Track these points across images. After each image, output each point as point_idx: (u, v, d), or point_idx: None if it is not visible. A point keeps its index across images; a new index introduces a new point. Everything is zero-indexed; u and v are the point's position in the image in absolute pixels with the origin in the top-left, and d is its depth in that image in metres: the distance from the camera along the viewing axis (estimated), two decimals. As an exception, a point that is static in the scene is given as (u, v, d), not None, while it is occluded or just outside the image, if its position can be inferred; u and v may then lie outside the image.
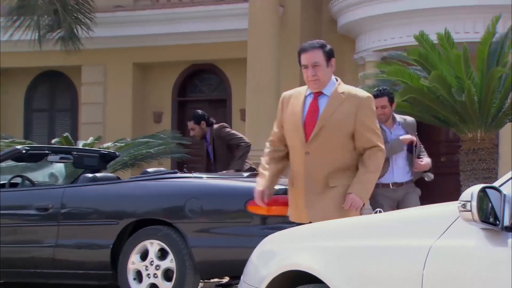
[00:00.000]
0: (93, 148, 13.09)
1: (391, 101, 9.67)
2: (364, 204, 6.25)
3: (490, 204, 3.47)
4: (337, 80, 6.47)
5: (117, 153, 12.13)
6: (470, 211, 3.35)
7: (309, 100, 6.34)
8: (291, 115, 6.32)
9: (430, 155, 19.73)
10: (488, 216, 3.44)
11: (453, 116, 12.05)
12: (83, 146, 16.44)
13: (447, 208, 3.82)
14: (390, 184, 9.36)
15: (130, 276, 8.82)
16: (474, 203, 3.33)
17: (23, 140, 19.42)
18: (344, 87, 6.35)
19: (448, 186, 15.63)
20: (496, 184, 3.63)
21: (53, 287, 10.33)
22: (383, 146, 6.36)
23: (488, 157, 12.08)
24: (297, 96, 6.45)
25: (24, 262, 9.65)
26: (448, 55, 11.71)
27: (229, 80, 21.20)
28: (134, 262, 8.82)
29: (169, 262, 8.64)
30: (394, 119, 9.69)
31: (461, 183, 11.92)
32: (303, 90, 6.48)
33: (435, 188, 17.97)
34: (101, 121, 21.44)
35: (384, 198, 9.27)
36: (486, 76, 11.57)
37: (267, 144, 6.63)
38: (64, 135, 17.85)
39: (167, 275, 8.67)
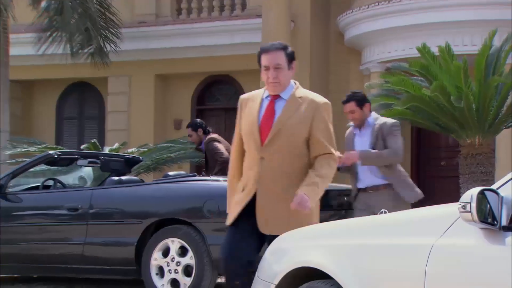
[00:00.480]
0: (119, 153, 13.08)
1: (360, 104, 9.25)
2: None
3: (488, 206, 3.49)
4: (295, 84, 6.01)
5: (140, 157, 12.15)
6: (470, 212, 3.37)
7: (266, 103, 5.76)
8: (247, 119, 5.74)
9: (431, 160, 19.81)
10: (486, 216, 3.47)
11: (452, 123, 12.01)
12: (109, 151, 16.41)
13: (448, 209, 3.83)
14: (359, 188, 8.90)
15: (153, 272, 8.88)
16: (474, 205, 3.35)
17: (55, 146, 19.41)
18: (302, 91, 5.90)
19: (448, 188, 15.58)
20: (494, 186, 3.65)
21: (77, 282, 10.33)
22: (336, 154, 5.87)
23: (486, 161, 12.04)
24: (254, 99, 5.89)
25: (56, 258, 9.69)
26: (448, 66, 11.67)
27: (244, 89, 21.12)
28: (156, 258, 8.86)
29: (189, 259, 8.68)
30: (367, 123, 9.17)
31: (460, 186, 11.88)
32: (260, 92, 5.93)
33: (436, 190, 18.00)
34: (126, 128, 21.45)
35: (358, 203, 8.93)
36: (483, 85, 11.53)
37: (231, 161, 6.05)
38: (92, 141, 17.87)
39: (187, 271, 8.73)
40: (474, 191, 3.35)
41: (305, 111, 5.61)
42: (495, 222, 3.50)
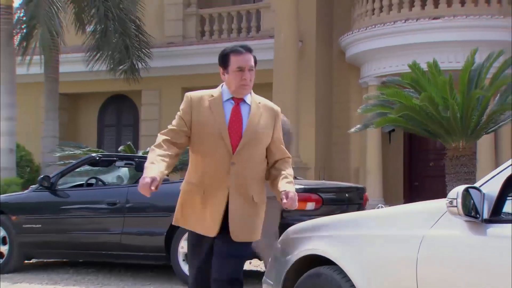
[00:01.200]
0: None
1: None
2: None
3: (472, 201, 3.53)
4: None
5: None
6: (456, 206, 3.40)
7: (229, 107, 4.92)
8: (210, 121, 4.83)
9: (421, 161, 19.74)
10: (470, 211, 3.51)
11: (440, 129, 11.99)
12: (142, 154, 16.45)
13: (437, 204, 3.83)
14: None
15: (180, 258, 8.88)
16: (459, 200, 3.39)
17: (96, 149, 19.44)
18: (257, 97, 5.12)
19: (436, 186, 15.51)
20: (477, 184, 3.67)
21: (116, 266, 10.33)
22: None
23: (469, 163, 12.02)
24: (211, 100, 4.96)
25: (98, 246, 9.71)
26: (436, 80, 11.64)
27: (259, 100, 21.18)
28: (183, 246, 8.81)
29: (211, 247, 8.66)
30: None
31: (447, 184, 11.86)
32: (215, 94, 5.03)
33: (425, 188, 17.96)
34: (157, 133, 21.41)
35: None
36: (466, 97, 11.52)
37: (161, 143, 5.07)
38: (127, 144, 17.95)
39: (208, 256, 8.70)
40: (460, 188, 3.39)
41: (267, 118, 4.98)
42: (478, 216, 3.54)
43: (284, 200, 4.54)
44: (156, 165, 4.82)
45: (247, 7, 21.47)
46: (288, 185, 4.70)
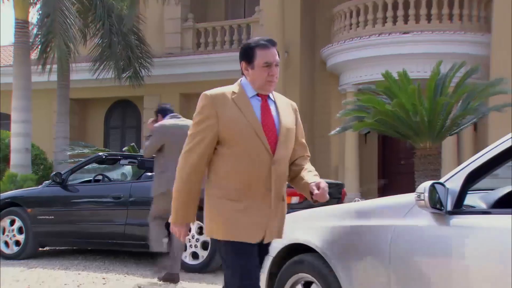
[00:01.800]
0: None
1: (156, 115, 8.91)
2: None
3: (437, 195, 3.58)
4: None
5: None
6: (423, 200, 3.47)
7: (257, 103, 4.14)
8: (241, 119, 4.00)
9: (393, 160, 19.78)
10: (436, 203, 3.58)
11: (409, 131, 12.02)
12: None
13: (407, 198, 3.88)
14: None
15: (178, 246, 8.84)
16: (427, 194, 3.46)
17: (103, 149, 19.41)
18: (275, 93, 4.33)
19: (406, 182, 15.51)
20: (441, 180, 3.72)
21: (120, 254, 10.31)
22: None
23: (435, 161, 12.06)
24: (234, 97, 4.14)
25: (104, 235, 9.70)
26: (406, 88, 11.66)
27: (249, 105, 21.19)
28: (181, 235, 8.81)
29: (205, 236, 8.57)
30: None
31: (415, 180, 11.88)
32: (236, 90, 4.22)
33: (397, 183, 17.98)
34: (158, 135, 21.47)
35: None
36: (433, 103, 11.56)
37: (197, 169, 4.04)
38: (131, 145, 17.92)
39: (204, 245, 8.71)
40: (426, 184, 3.45)
41: (290, 113, 4.29)
42: (442, 208, 3.62)
43: (316, 191, 3.88)
44: (192, 208, 4.25)
45: (238, 21, 21.45)
46: (316, 177, 4.09)
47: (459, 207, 3.67)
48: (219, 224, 4.05)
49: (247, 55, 4.22)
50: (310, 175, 4.13)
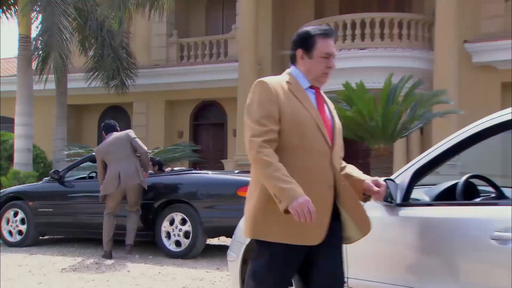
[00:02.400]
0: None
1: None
2: None
3: (389, 190, 3.58)
4: None
5: (153, 157, 12.06)
6: None
7: (312, 96, 3.44)
8: (303, 111, 3.29)
9: (352, 159, 19.79)
10: (387, 197, 3.59)
11: (366, 134, 12.08)
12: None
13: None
14: None
15: (163, 235, 8.89)
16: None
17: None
18: None
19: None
20: (392, 177, 3.77)
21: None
22: None
23: (387, 160, 12.16)
24: (290, 87, 3.39)
25: (97, 226, 9.46)
26: (363, 97, 11.73)
27: (226, 111, 21.16)
28: (165, 226, 8.85)
29: (188, 226, 8.68)
30: None
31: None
32: (290, 80, 3.45)
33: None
34: (145, 137, 21.37)
35: None
36: (386, 110, 11.64)
37: (264, 148, 3.13)
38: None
39: (186, 235, 8.71)
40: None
41: (334, 110, 3.63)
42: (393, 201, 3.69)
43: (376, 188, 3.41)
44: (296, 185, 3.07)
45: (217, 37, 21.42)
46: (365, 175, 3.55)
47: (406, 200, 3.73)
48: (273, 225, 3.20)
49: (306, 43, 3.50)
50: (358, 172, 3.60)
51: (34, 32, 15.67)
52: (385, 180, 3.61)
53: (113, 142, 9.27)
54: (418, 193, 4.29)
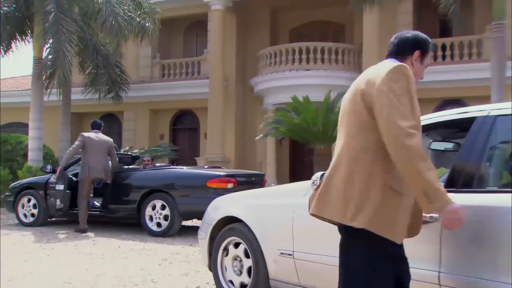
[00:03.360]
0: (128, 153, 12.90)
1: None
2: None
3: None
4: None
5: (139, 155, 11.98)
6: (316, 184, 3.42)
7: None
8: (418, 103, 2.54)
9: (299, 157, 19.90)
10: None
11: (310, 137, 12.20)
12: (123, 151, 16.24)
13: (306, 184, 3.90)
14: None
15: (147, 218, 8.84)
16: (318, 181, 3.43)
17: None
18: None
19: (308, 173, 15.69)
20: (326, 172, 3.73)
21: (105, 223, 10.16)
22: None
23: (327, 158, 12.20)
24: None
25: (93, 210, 9.49)
26: (308, 108, 11.84)
27: (199, 118, 21.09)
28: (148, 211, 8.79)
29: (166, 211, 8.64)
30: None
31: (314, 172, 12.05)
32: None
33: (301, 174, 18.16)
34: (133, 139, 21.27)
35: None
36: (325, 118, 11.76)
37: (417, 139, 2.37)
38: (114, 145, 17.72)
39: (165, 218, 8.66)
40: (318, 173, 3.45)
41: None
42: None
43: None
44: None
45: (191, 59, 21.32)
46: None
47: None
48: (395, 222, 2.48)
49: (426, 48, 2.78)
50: None
51: (44, 55, 15.66)
52: (322, 174, 3.63)
53: (99, 138, 9.49)
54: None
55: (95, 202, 9.91)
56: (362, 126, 2.57)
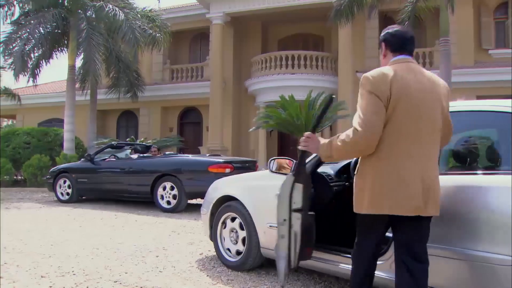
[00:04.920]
0: (143, 143, 12.88)
1: None
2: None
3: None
4: None
5: (152, 145, 11.95)
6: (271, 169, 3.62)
7: None
8: None
9: (287, 147, 19.89)
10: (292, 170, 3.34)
11: (295, 129, 12.10)
12: (139, 142, 16.22)
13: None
14: None
15: (158, 198, 8.81)
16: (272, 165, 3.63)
17: (115, 139, 19.10)
18: None
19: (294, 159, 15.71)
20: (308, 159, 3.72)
21: (125, 202, 10.16)
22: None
23: (308, 147, 12.18)
24: None
25: (116, 191, 9.52)
26: (293, 105, 11.79)
27: (202, 113, 21.03)
28: (160, 191, 8.78)
29: (175, 191, 8.62)
30: None
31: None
32: None
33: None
34: (147, 131, 21.17)
35: None
36: (307, 114, 11.70)
37: None
38: (131, 137, 17.71)
39: (174, 197, 8.64)
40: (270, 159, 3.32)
41: None
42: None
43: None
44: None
45: (196, 64, 21.21)
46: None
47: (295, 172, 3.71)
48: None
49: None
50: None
51: (78, 63, 16.08)
52: (272, 160, 3.72)
53: None
54: (326, 168, 4.34)
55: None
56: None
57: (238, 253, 4.30)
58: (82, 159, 10.99)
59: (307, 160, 3.67)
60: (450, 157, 3.21)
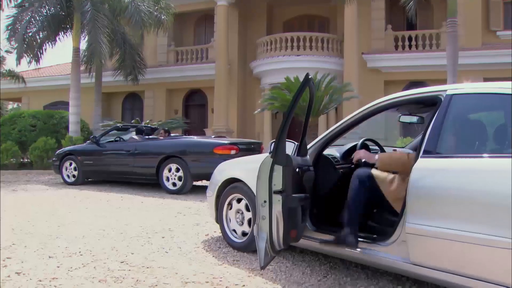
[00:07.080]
0: (148, 125, 12.88)
1: None
2: None
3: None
4: None
5: (158, 127, 11.97)
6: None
7: None
8: None
9: (291, 129, 19.89)
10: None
11: (300, 112, 12.02)
12: (144, 124, 16.24)
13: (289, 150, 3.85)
14: None
15: (164, 179, 8.82)
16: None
17: (120, 121, 19.13)
18: None
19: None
20: (313, 142, 3.71)
21: (131, 184, 10.21)
22: None
23: (314, 129, 12.27)
24: None
25: (122, 173, 9.55)
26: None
27: (207, 95, 21.01)
28: (166, 173, 8.79)
29: (180, 173, 8.62)
30: None
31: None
32: None
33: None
34: (152, 113, 21.19)
35: None
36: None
37: None
38: (136, 119, 17.72)
39: (180, 178, 8.66)
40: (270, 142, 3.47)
41: None
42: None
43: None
44: None
45: (200, 46, 21.16)
46: None
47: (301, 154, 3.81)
48: None
49: None
50: None
51: (81, 45, 16.05)
52: (272, 143, 3.66)
53: None
54: (331, 150, 4.33)
55: None
56: None
57: (244, 234, 4.31)
58: (87, 141, 11.03)
59: (312, 143, 3.68)
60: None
